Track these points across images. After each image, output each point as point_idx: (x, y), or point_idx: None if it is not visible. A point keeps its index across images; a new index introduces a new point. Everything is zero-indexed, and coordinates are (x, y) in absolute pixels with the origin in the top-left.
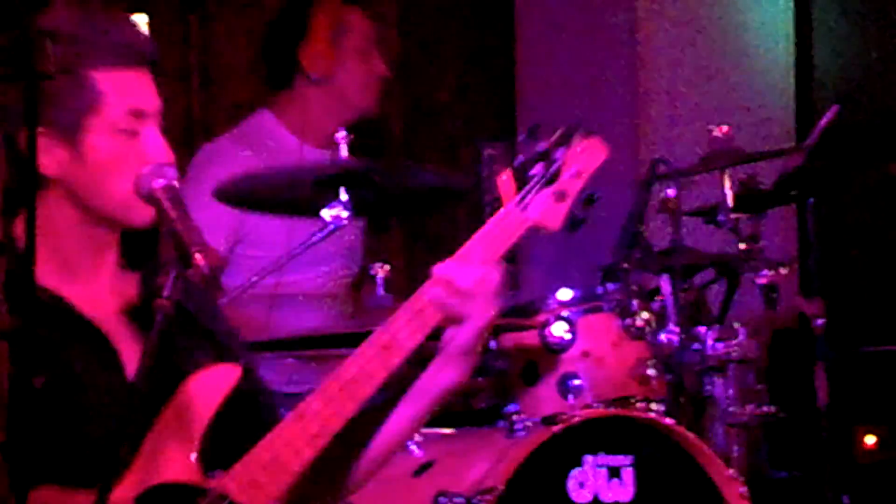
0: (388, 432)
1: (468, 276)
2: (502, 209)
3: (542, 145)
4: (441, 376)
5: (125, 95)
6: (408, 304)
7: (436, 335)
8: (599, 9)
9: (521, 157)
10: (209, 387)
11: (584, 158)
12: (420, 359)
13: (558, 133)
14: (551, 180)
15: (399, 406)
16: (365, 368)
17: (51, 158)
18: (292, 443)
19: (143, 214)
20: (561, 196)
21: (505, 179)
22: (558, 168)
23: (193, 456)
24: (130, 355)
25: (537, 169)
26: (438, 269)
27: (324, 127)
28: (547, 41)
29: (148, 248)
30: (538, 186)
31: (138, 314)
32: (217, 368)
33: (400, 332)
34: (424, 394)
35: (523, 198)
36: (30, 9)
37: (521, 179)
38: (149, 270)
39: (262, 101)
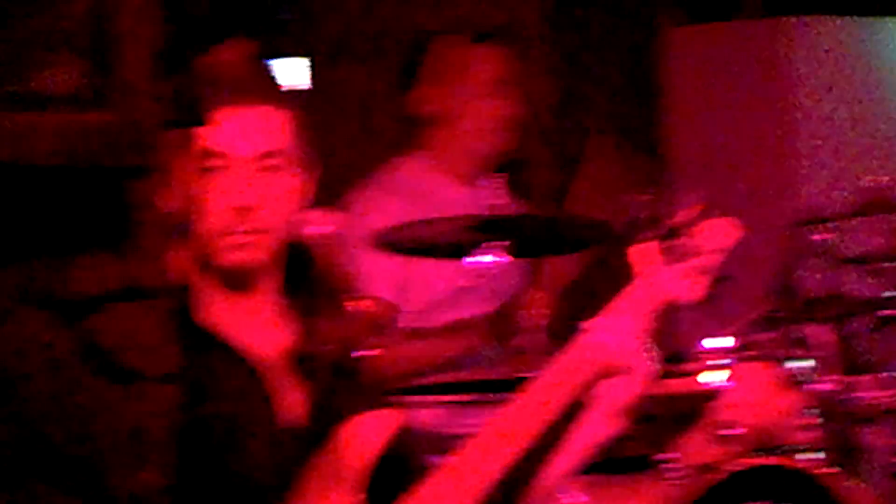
0: (541, 483)
1: (626, 335)
2: (644, 277)
3: (682, 220)
4: (596, 430)
5: (209, 133)
6: (560, 361)
7: None
8: (749, 54)
9: (662, 231)
10: (370, 431)
11: (720, 236)
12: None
13: (698, 210)
14: (688, 255)
15: (552, 459)
16: (515, 425)
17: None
18: (443, 496)
19: (227, 256)
20: (700, 271)
21: (647, 249)
22: (698, 244)
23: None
24: (288, 398)
25: (678, 242)
26: (591, 327)
27: (463, 167)
28: (695, 86)
29: (307, 290)
30: (676, 260)
31: (297, 359)
32: (378, 413)
33: (552, 389)
34: (578, 447)
35: (665, 268)
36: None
37: (663, 251)
38: (307, 315)
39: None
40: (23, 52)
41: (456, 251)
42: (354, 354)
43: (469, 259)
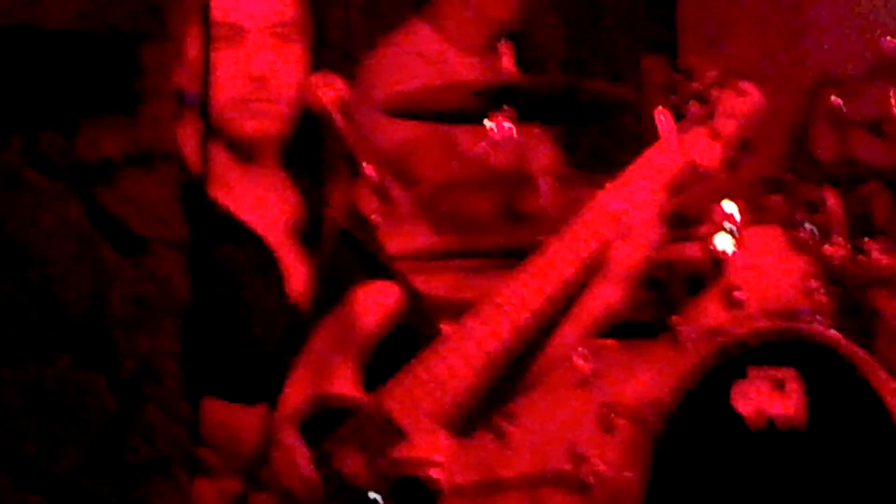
0: (548, 351)
1: (642, 199)
2: (658, 143)
3: (696, 85)
4: (602, 298)
5: (217, 5)
6: (567, 230)
7: None
8: None
9: (676, 97)
10: (372, 301)
11: (737, 101)
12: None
13: (712, 74)
14: (705, 119)
15: (559, 326)
16: (521, 292)
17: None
18: (449, 362)
19: (242, 126)
20: (715, 135)
21: (661, 116)
22: (712, 108)
23: (355, 369)
24: (294, 268)
25: (692, 108)
26: (604, 193)
27: (470, 36)
28: None
29: (310, 157)
30: (693, 124)
31: (303, 228)
32: (379, 284)
33: (557, 257)
34: (584, 314)
35: (678, 134)
36: None
37: (677, 117)
38: (312, 183)
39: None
40: None
41: (468, 117)
42: (361, 224)
43: (482, 124)
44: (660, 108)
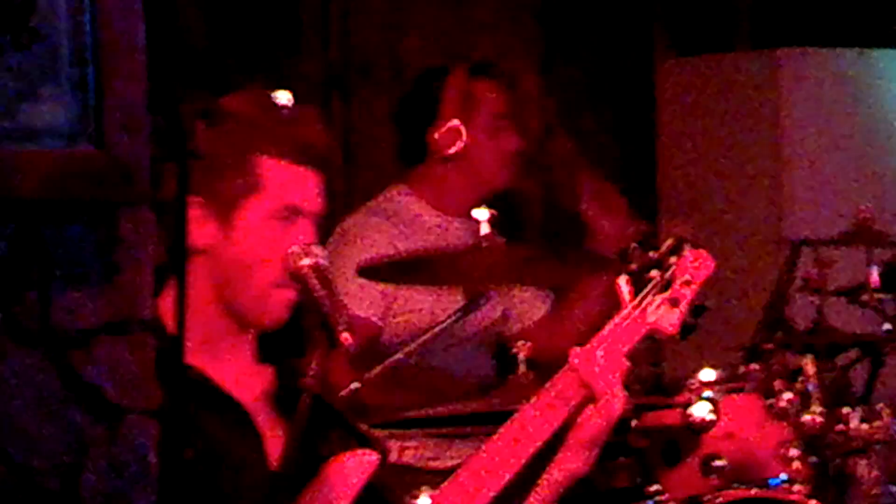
0: None
1: (603, 367)
2: (622, 311)
3: (654, 254)
4: (563, 464)
5: (285, 189)
6: (539, 399)
7: None
8: (741, 85)
9: (636, 265)
10: (349, 471)
11: (692, 268)
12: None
13: (669, 244)
14: (665, 287)
15: (528, 495)
16: (495, 461)
17: (202, 231)
18: None
19: (273, 313)
20: (674, 302)
21: (623, 284)
22: (671, 276)
23: None
24: (271, 439)
25: (652, 275)
26: (573, 361)
27: (458, 201)
28: (688, 118)
29: (283, 344)
30: (653, 292)
31: (277, 400)
32: (357, 454)
33: (531, 425)
34: (550, 483)
35: (640, 302)
36: (185, 92)
37: (638, 284)
38: (286, 361)
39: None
40: (11, 87)
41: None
42: (334, 389)
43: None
44: (622, 276)
